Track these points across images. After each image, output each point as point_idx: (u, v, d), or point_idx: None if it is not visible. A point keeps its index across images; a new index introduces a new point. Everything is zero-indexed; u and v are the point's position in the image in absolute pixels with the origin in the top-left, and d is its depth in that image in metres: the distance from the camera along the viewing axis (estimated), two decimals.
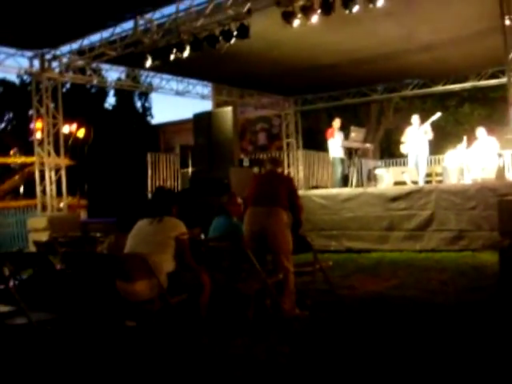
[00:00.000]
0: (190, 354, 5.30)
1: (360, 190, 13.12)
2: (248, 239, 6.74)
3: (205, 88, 19.84)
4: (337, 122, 15.88)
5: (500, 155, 13.00)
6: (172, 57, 13.02)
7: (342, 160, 15.66)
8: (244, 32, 11.66)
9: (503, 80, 16.37)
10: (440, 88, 19.00)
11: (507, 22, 8.79)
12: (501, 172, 12.90)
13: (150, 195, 18.14)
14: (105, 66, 16.68)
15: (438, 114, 14.92)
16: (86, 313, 5.63)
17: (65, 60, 15.40)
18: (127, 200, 19.32)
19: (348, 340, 5.68)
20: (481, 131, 14.23)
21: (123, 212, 6.81)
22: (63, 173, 15.55)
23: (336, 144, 15.50)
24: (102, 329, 5.59)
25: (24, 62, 15.52)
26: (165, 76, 18.08)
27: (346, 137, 15.39)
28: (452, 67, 16.94)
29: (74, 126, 20.67)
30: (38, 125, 15.70)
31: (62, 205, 15.69)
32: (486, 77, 17.95)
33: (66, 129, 18.10)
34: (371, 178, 15.85)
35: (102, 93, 35.06)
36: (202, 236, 7.61)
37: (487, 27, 12.23)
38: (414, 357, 5.04)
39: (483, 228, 11.03)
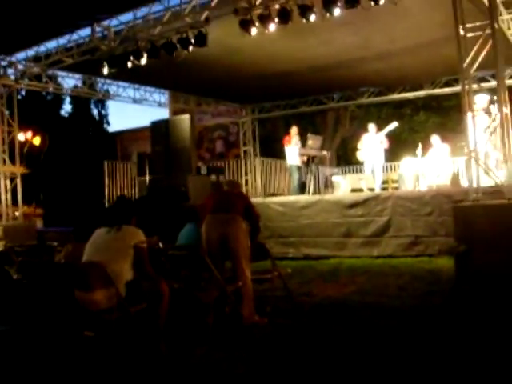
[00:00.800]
0: (149, 364, 5.26)
1: (317, 197, 13.17)
2: (207, 246, 6.74)
3: (162, 96, 19.80)
4: (294, 130, 15.94)
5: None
6: (129, 64, 12.94)
7: (299, 167, 15.70)
8: (202, 40, 11.65)
9: (457, 88, 16.63)
10: (395, 96, 19.25)
11: (461, 32, 8.92)
12: (455, 178, 13.10)
13: (107, 204, 17.97)
14: (61, 73, 16.55)
15: (395, 124, 15.05)
16: (43, 323, 5.55)
17: (20, 67, 15.24)
18: (84, 209, 19.14)
19: (306, 346, 5.70)
20: (435, 139, 14.44)
21: (80, 221, 6.75)
22: (18, 181, 15.35)
23: (293, 151, 15.55)
24: (60, 339, 5.51)
25: None
26: (122, 83, 17.99)
27: (303, 144, 15.44)
28: (407, 75, 17.17)
29: (30, 134, 20.37)
30: None
31: (17, 213, 15.48)
32: (441, 85, 18.25)
33: (21, 136, 17.82)
34: (328, 185, 15.96)
35: (58, 100, 34.72)
36: (160, 245, 7.57)
37: (442, 36, 12.42)
38: (370, 360, 5.08)
39: (439, 233, 11.16)
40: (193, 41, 11.79)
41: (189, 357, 5.46)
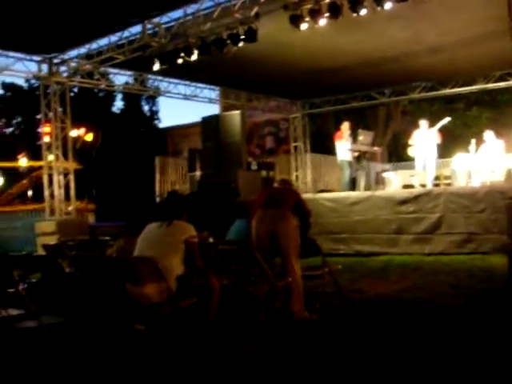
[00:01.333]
0: (199, 359, 5.29)
1: (368, 193, 13.08)
2: (256, 242, 6.74)
3: (212, 92, 19.87)
4: (345, 125, 15.84)
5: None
6: (180, 61, 13.03)
7: (350, 163, 15.61)
8: (252, 35, 11.66)
9: (511, 83, 16.35)
10: (448, 91, 18.98)
11: None
12: (510, 175, 12.86)
13: (158, 199, 18.17)
14: (112, 70, 16.74)
15: (447, 119, 14.86)
16: (96, 316, 5.63)
17: (73, 64, 15.46)
18: (136, 204, 19.35)
19: (357, 343, 5.66)
20: (489, 134, 14.21)
21: (132, 216, 6.82)
22: (71, 177, 15.58)
23: (344, 147, 15.46)
24: (112, 332, 5.59)
25: (32, 67, 15.64)
26: (172, 80, 18.10)
27: (354, 140, 15.36)
28: (460, 70, 16.92)
29: (82, 130, 20.76)
30: (46, 129, 15.74)
31: (70, 209, 15.71)
32: (495, 79, 17.93)
33: (73, 133, 18.15)
34: (379, 181, 15.82)
35: (110, 97, 35.22)
36: (211, 239, 7.61)
37: (496, 30, 12.21)
38: (425, 359, 5.02)
39: (492, 231, 10.99)
40: (243, 36, 11.81)
41: (238, 353, 5.47)
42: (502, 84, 17.88)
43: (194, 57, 12.71)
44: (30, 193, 27.57)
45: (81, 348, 5.44)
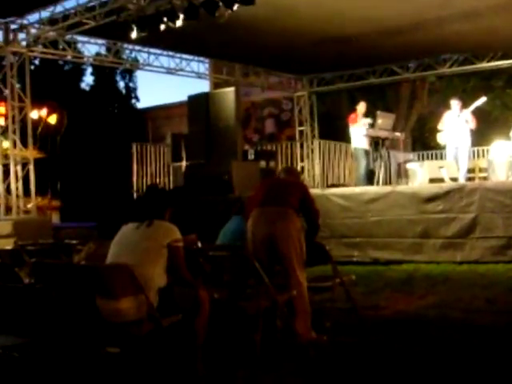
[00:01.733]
0: None
1: (388, 188, 13.09)
2: (252, 247, 6.73)
3: (201, 65, 19.81)
4: (361, 107, 15.86)
5: None
6: (162, 27, 12.97)
7: (367, 152, 15.62)
8: None
9: None
10: (484, 65, 18.93)
11: None
12: None
13: (135, 194, 18.15)
14: (81, 39, 16.69)
15: (483, 99, 14.85)
16: (60, 337, 5.62)
17: (33, 31, 15.41)
18: (109, 201, 19.32)
19: (373, 371, 5.67)
20: None
21: (104, 215, 6.83)
22: (31, 168, 15.53)
23: (359, 133, 15.47)
24: (79, 356, 5.58)
25: None
26: (153, 51, 18.05)
27: (372, 124, 15.37)
28: (499, 40, 16.87)
29: (45, 111, 20.65)
30: (0, 109, 15.69)
31: (29, 206, 15.68)
32: None
33: (34, 114, 18.09)
34: (402, 173, 15.83)
35: (78, 70, 35.10)
36: (199, 244, 7.60)
37: None
38: None
39: None
40: None
41: (231, 381, 5.47)
42: None
43: (180, 22, 12.65)
44: None
45: (42, 375, 5.43)
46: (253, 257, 6.18)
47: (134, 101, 37.37)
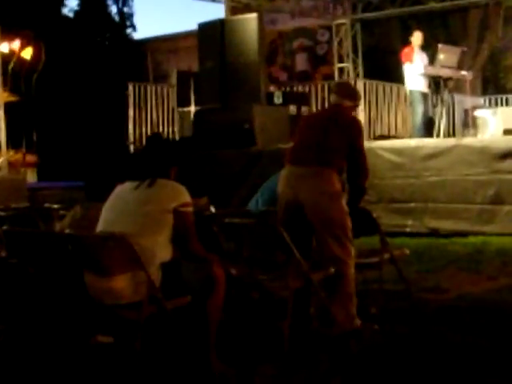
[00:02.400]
0: None
1: (452, 141, 13.06)
2: (282, 214, 6.74)
3: None
4: (417, 38, 15.77)
5: None
6: None
7: (425, 96, 15.56)
8: None
9: None
10: None
11: None
12: None
13: (132, 147, 18.18)
14: None
15: None
16: (41, 322, 5.67)
17: None
18: (99, 155, 19.37)
19: (431, 368, 5.67)
20: None
21: (94, 173, 6.84)
22: (1, 114, 15.57)
23: (415, 71, 15.40)
24: (65, 346, 5.63)
25: None
26: None
27: (432, 60, 15.29)
28: None
29: (17, 43, 20.64)
30: None
31: (0, 161, 15.75)
32: None
33: (4, 47, 18.07)
34: (469, 123, 15.78)
35: None
36: (212, 209, 7.63)
37: None
38: None
39: None
40: None
41: (252, 380, 5.49)
42: None
43: None
44: None
45: (21, 368, 5.48)
46: (280, 225, 6.17)
47: (129, 30, 37.24)
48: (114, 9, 36.84)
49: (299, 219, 6.73)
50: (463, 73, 16.15)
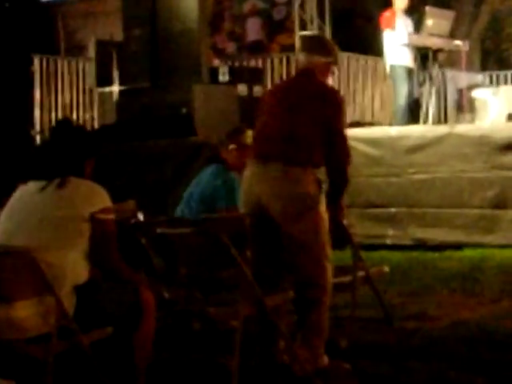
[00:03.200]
0: None
1: (443, 128, 13.13)
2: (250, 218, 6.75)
3: None
4: (401, 0, 15.81)
5: None
6: None
7: (410, 72, 15.63)
8: None
9: None
10: None
11: None
12: None
13: (38, 137, 18.12)
14: None
15: None
16: None
17: None
18: None
19: None
20: None
21: None
22: None
23: (398, 40, 15.46)
24: None
25: None
26: None
27: (417, 27, 15.38)
28: None
29: None
30: None
31: None
32: None
33: None
34: (464, 105, 15.90)
35: None
36: (140, 216, 7.63)
37: None
38: None
39: None
40: None
41: None
42: None
43: None
44: None
45: None
46: (225, 235, 6.14)
47: None
48: None
49: (268, 231, 6.72)
50: (457, 43, 16.23)
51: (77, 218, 5.52)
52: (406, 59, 15.54)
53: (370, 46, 18.93)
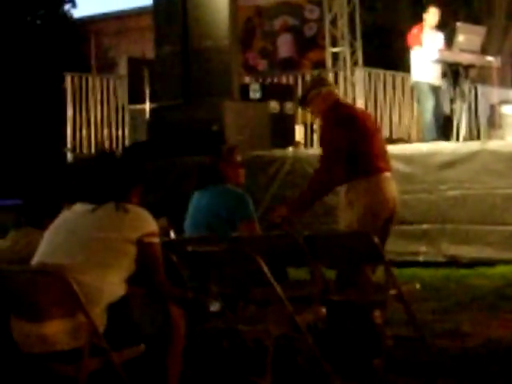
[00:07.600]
0: None
1: (475, 145, 13.09)
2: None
3: None
4: (432, 15, 15.75)
5: None
6: None
7: (435, 88, 15.55)
8: None
9: None
10: None
11: None
12: None
13: (69, 155, 18.12)
14: None
15: None
16: None
17: None
18: (32, 166, 19.32)
19: None
20: None
21: (33, 191, 6.81)
22: None
23: (425, 57, 15.41)
24: None
25: None
26: None
27: (449, 43, 15.34)
28: None
29: None
30: None
31: None
32: None
33: None
34: (496, 121, 15.84)
35: None
36: (172, 234, 7.64)
37: None
38: None
39: None
40: None
41: None
42: None
43: None
44: None
45: None
46: (257, 253, 6.14)
47: (68, 6, 37.27)
48: None
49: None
50: (489, 59, 16.19)
51: (122, 240, 5.52)
52: (431, 76, 15.47)
53: (401, 62, 18.88)
